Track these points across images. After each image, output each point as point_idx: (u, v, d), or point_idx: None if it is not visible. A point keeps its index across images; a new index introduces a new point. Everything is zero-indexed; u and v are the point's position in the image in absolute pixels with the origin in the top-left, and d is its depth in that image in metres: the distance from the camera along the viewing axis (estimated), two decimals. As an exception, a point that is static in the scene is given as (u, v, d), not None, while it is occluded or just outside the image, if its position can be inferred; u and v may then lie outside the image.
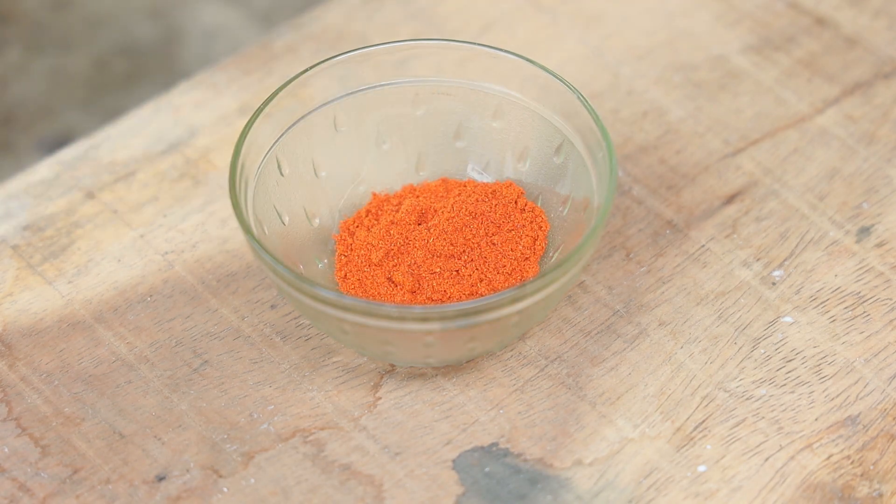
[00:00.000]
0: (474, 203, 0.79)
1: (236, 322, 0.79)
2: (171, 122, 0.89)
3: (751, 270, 0.82)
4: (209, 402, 0.76)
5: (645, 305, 0.80)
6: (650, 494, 0.73)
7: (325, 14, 0.95)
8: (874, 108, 0.89)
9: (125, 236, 0.83)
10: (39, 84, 1.46)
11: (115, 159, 0.87)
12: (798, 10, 0.95)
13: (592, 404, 0.76)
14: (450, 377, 0.77)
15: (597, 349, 0.78)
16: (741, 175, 0.86)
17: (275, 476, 0.74)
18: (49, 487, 0.73)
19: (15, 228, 0.84)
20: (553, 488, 0.73)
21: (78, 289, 0.81)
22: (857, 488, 0.73)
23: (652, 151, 0.87)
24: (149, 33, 1.53)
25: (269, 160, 0.78)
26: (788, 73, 0.91)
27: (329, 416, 0.76)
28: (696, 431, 0.75)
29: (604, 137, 0.75)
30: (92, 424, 0.75)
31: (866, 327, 0.79)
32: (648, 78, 0.91)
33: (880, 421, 0.76)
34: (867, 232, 0.83)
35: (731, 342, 0.79)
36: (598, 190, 0.76)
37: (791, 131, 0.88)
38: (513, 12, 0.94)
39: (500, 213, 0.79)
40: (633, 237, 0.83)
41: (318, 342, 0.79)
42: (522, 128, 0.81)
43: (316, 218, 0.80)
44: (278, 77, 0.91)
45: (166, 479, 0.74)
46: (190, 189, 0.85)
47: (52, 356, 0.78)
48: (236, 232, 0.83)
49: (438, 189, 0.82)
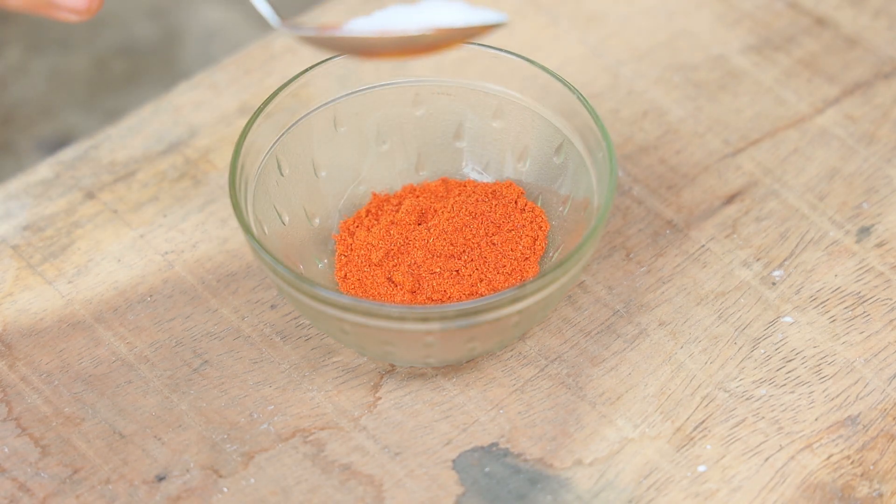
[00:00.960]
0: (474, 203, 0.79)
1: (236, 322, 0.79)
2: (171, 122, 0.89)
3: (751, 270, 0.82)
4: (209, 402, 0.76)
5: (645, 305, 0.80)
6: (650, 494, 0.73)
7: (325, 14, 0.95)
8: (874, 108, 0.89)
9: (125, 236, 0.83)
10: (39, 84, 1.46)
11: (115, 159, 0.87)
12: (798, 10, 0.95)
13: (592, 404, 0.76)
14: (450, 377, 0.77)
15: (597, 349, 0.78)
16: (741, 175, 0.86)
17: (275, 476, 0.74)
18: (49, 487, 0.73)
19: (15, 228, 0.84)
20: (553, 488, 0.73)
21: (78, 289, 0.81)
22: (857, 488, 0.73)
23: (652, 151, 0.87)
24: (149, 33, 1.53)
25: (269, 160, 0.78)
26: (788, 73, 0.91)
27: (329, 416, 0.76)
28: (696, 431, 0.75)
29: (604, 137, 0.75)
30: (92, 424, 0.75)
31: (866, 327, 0.79)
32: (648, 78, 0.91)
33: (880, 421, 0.76)
34: (867, 232, 0.83)
35: (731, 342, 0.79)
36: (598, 190, 0.76)
37: (791, 131, 0.88)
38: (513, 12, 0.94)
39: (500, 213, 0.79)
40: (633, 237, 0.83)
41: (318, 342, 0.79)
42: (522, 128, 0.81)
43: (316, 218, 0.80)
44: (278, 77, 0.91)
45: (166, 479, 0.74)
46: (190, 189, 0.85)
47: (52, 356, 0.78)
48: (236, 232, 0.83)
49: (438, 189, 0.82)
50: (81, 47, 1.51)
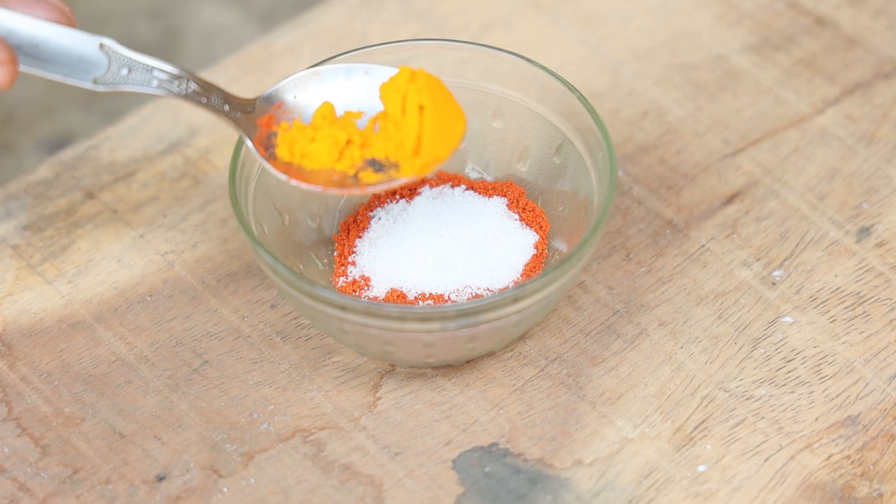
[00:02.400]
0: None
1: (236, 322, 0.79)
2: (171, 122, 0.89)
3: (751, 270, 0.82)
4: (209, 402, 0.76)
5: (645, 305, 0.80)
6: (650, 494, 0.73)
7: (325, 14, 0.95)
8: (874, 108, 0.89)
9: (125, 236, 0.83)
10: (39, 84, 1.46)
11: (115, 159, 0.87)
12: (798, 10, 0.95)
13: (592, 404, 0.76)
14: (450, 377, 0.77)
15: (597, 349, 0.78)
16: (741, 175, 0.86)
17: (275, 476, 0.74)
18: (49, 487, 0.73)
19: (15, 228, 0.84)
20: (553, 488, 0.73)
21: (78, 289, 0.81)
22: (857, 488, 0.73)
23: (652, 151, 0.87)
24: (149, 33, 1.53)
25: (269, 160, 0.77)
26: (788, 73, 0.91)
27: (329, 416, 0.76)
28: (696, 431, 0.75)
29: (604, 137, 0.75)
30: (92, 424, 0.75)
31: (866, 327, 0.79)
32: (648, 78, 0.91)
33: (880, 421, 0.76)
34: (867, 232, 0.83)
35: (731, 342, 0.79)
36: (598, 190, 0.76)
37: (791, 131, 0.88)
38: (513, 12, 0.94)
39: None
40: (633, 237, 0.83)
41: (318, 342, 0.79)
42: (522, 128, 0.81)
43: (316, 218, 0.80)
44: (278, 77, 0.91)
45: (166, 479, 0.74)
46: (190, 189, 0.85)
47: (52, 356, 0.78)
48: (236, 232, 0.83)
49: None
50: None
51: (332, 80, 0.74)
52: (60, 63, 0.69)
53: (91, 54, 0.69)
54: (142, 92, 0.70)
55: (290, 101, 0.74)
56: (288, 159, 0.73)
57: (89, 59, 0.69)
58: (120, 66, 0.70)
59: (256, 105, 0.73)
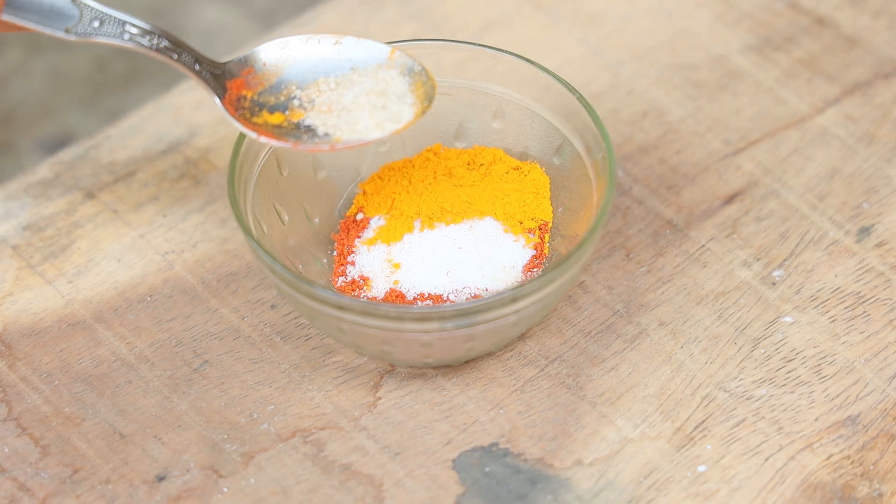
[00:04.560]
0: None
1: (236, 322, 0.79)
2: (171, 122, 0.89)
3: (751, 270, 0.82)
4: (209, 402, 0.76)
5: (645, 305, 0.80)
6: (650, 494, 0.73)
7: (325, 14, 0.95)
8: (874, 108, 0.89)
9: (125, 236, 0.83)
10: (39, 84, 1.46)
11: (115, 159, 0.87)
12: (798, 10, 0.95)
13: (592, 404, 0.76)
14: (450, 377, 0.77)
15: (597, 349, 0.78)
16: (741, 175, 0.86)
17: (275, 476, 0.74)
18: (49, 487, 0.73)
19: (15, 228, 0.84)
20: (553, 488, 0.73)
21: (78, 289, 0.81)
22: (857, 488, 0.73)
23: (652, 151, 0.87)
24: (149, 33, 1.53)
25: (269, 160, 0.78)
26: (788, 73, 0.91)
27: (329, 416, 0.76)
28: (696, 431, 0.75)
29: (603, 137, 0.75)
30: (92, 424, 0.76)
31: (866, 327, 0.79)
32: (648, 78, 0.91)
33: (880, 421, 0.76)
34: (867, 232, 0.83)
35: (731, 342, 0.79)
36: (598, 190, 0.76)
37: (791, 131, 0.88)
38: (513, 12, 0.94)
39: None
40: (633, 237, 0.83)
41: (318, 342, 0.79)
42: (522, 128, 0.81)
43: (316, 218, 0.80)
44: (278, 77, 0.91)
45: (166, 479, 0.74)
46: (190, 189, 0.85)
47: (52, 356, 0.78)
48: (236, 232, 0.83)
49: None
50: (82, 47, 1.51)
51: (300, 49, 0.75)
52: (33, 11, 0.72)
53: (63, 5, 0.72)
54: (113, 44, 0.72)
55: (259, 68, 0.75)
56: (260, 122, 0.74)
57: (61, 9, 0.72)
58: (92, 18, 0.72)
59: (227, 68, 0.74)
